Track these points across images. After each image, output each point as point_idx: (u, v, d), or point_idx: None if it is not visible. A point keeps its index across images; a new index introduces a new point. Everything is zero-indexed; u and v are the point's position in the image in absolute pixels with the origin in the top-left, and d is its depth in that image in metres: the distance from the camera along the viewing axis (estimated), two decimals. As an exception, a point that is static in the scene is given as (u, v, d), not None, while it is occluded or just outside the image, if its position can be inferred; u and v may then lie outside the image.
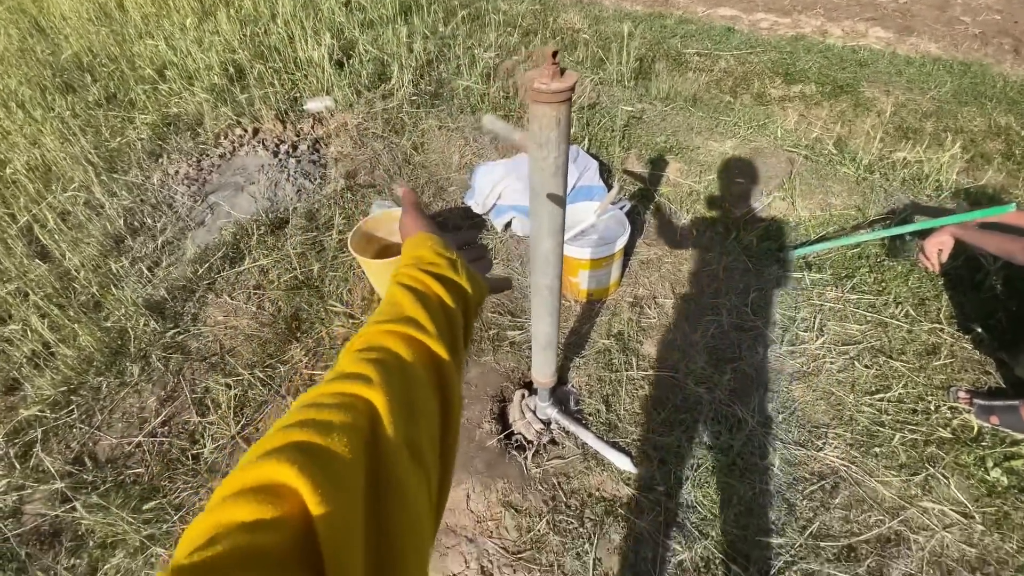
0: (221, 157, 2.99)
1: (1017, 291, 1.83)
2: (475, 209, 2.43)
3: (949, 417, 1.61)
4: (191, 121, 3.24)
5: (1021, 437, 1.51)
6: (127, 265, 2.26)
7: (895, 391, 1.69)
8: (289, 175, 2.79)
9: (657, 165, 2.71)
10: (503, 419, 1.71)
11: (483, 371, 1.83)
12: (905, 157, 2.59)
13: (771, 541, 1.39)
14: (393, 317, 0.44)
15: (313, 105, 3.30)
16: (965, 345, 1.80)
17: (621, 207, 2.02)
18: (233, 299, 2.13)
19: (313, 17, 3.98)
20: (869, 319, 1.92)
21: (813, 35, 3.95)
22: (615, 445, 1.57)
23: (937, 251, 1.65)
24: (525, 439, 1.63)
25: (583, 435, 1.58)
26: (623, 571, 1.35)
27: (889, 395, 1.68)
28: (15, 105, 3.35)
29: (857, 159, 2.60)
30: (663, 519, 1.43)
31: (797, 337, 1.89)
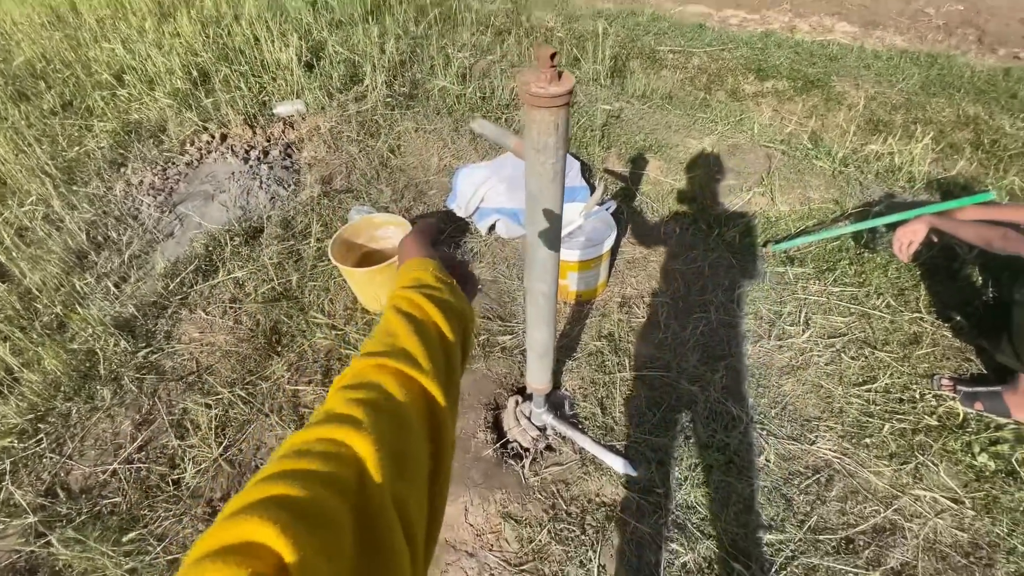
0: (188, 165, 2.87)
1: (994, 279, 1.88)
2: (458, 212, 2.39)
3: (935, 405, 1.64)
4: (154, 128, 3.10)
5: (1005, 421, 1.55)
6: (92, 282, 2.14)
7: (881, 381, 1.72)
8: (261, 182, 2.69)
9: (638, 164, 2.71)
10: (498, 427, 1.68)
11: (475, 378, 1.79)
12: (877, 150, 2.65)
13: (771, 538, 1.39)
14: (387, 349, 0.41)
15: (283, 109, 3.20)
16: (945, 333, 1.84)
17: (606, 208, 2.00)
18: (208, 314, 2.04)
19: (279, 18, 3.86)
20: (852, 311, 1.95)
21: (782, 31, 4.02)
22: (612, 448, 1.56)
23: (908, 240, 1.68)
24: (521, 447, 1.60)
25: (580, 440, 1.55)
26: (627, 577, 1.34)
27: (876, 385, 1.71)
28: (-39, 115, 3.15)
29: (832, 153, 2.65)
30: (664, 521, 1.42)
31: (784, 331, 1.91)
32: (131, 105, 3.21)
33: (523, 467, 1.55)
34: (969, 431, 1.57)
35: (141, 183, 2.67)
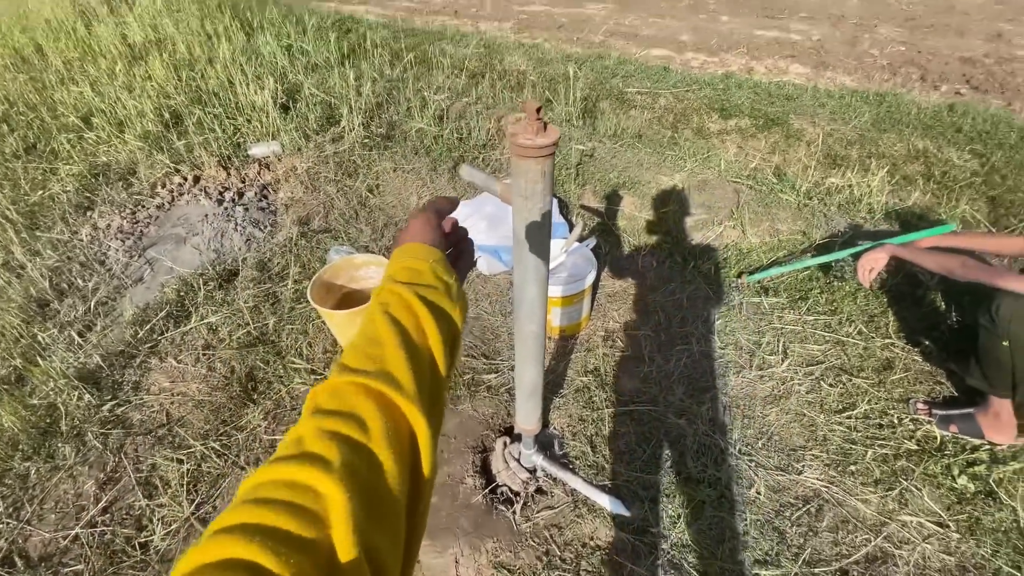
0: (159, 208, 2.82)
1: (956, 303, 1.98)
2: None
3: (912, 429, 1.69)
4: (123, 170, 3.04)
5: (979, 442, 1.60)
6: (55, 332, 2.04)
7: (860, 408, 1.75)
8: (236, 224, 2.65)
9: (612, 200, 2.79)
10: (486, 471, 1.64)
11: (461, 420, 1.76)
12: (837, 183, 2.79)
13: (767, 573, 1.37)
14: (371, 367, 0.38)
15: (258, 150, 3.19)
16: (916, 358, 1.91)
17: (587, 244, 2.04)
18: (180, 362, 1.96)
19: (254, 61, 3.90)
20: (827, 339, 2.00)
21: (740, 72, 4.26)
22: (605, 488, 1.53)
23: (870, 267, 1.75)
24: (511, 491, 1.56)
25: (571, 481, 1.53)
26: (626, 624, 1.29)
27: (856, 412, 1.75)
28: (-85, 160, 3.04)
29: (796, 186, 2.77)
30: (660, 562, 1.39)
31: (764, 361, 1.94)
32: (99, 148, 3.15)
33: (514, 512, 1.51)
34: (947, 454, 1.61)
35: (109, 227, 2.60)
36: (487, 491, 1.57)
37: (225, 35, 4.36)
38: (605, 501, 1.48)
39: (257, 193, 2.91)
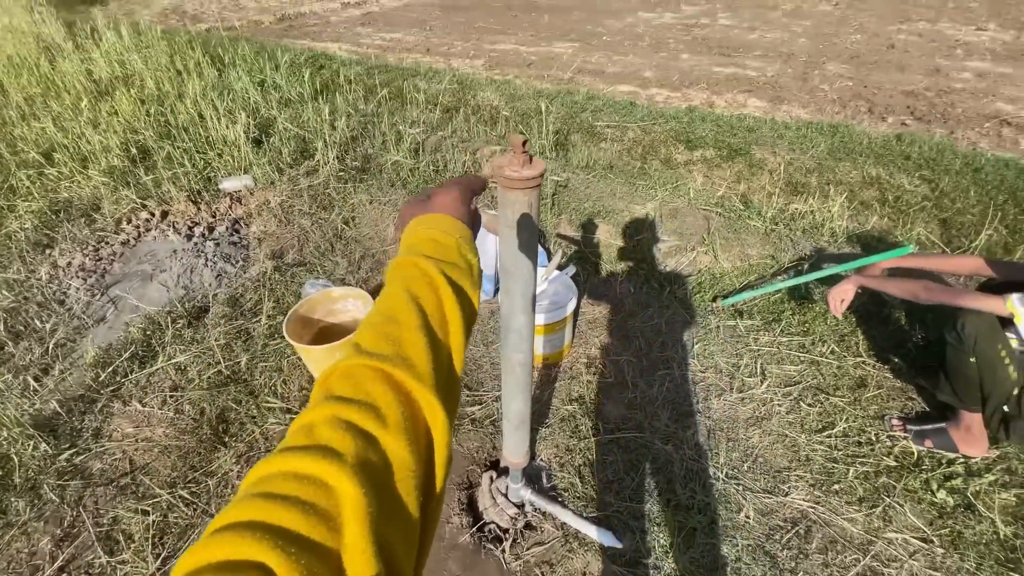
0: (124, 244, 2.72)
1: (920, 321, 2.06)
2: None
3: (890, 445, 1.72)
4: (86, 206, 2.94)
5: (954, 456, 1.65)
6: (8, 377, 1.92)
7: (839, 426, 1.79)
8: (207, 259, 2.58)
9: (588, 229, 2.84)
10: (473, 508, 1.59)
11: (445, 455, 1.71)
12: (800, 209, 2.91)
13: (762, 600, 1.36)
14: (388, 347, 0.36)
15: (230, 184, 3.14)
16: (887, 375, 1.97)
17: (566, 272, 2.06)
18: (145, 405, 1.86)
19: (226, 97, 3.88)
20: (802, 359, 2.05)
21: (702, 106, 4.46)
22: (595, 520, 1.50)
23: (840, 299, 1.82)
24: (499, 528, 1.52)
25: (561, 514, 1.49)
26: (624, 663, 1.25)
27: (835, 431, 1.78)
28: None
29: (762, 213, 2.88)
30: (655, 595, 1.36)
31: (744, 383, 1.97)
32: (60, 184, 3.05)
33: (503, 551, 1.46)
34: (925, 468, 1.64)
35: (69, 265, 2.49)
36: (474, 529, 1.51)
37: (196, 71, 4.34)
38: (596, 534, 1.45)
39: (228, 227, 2.85)
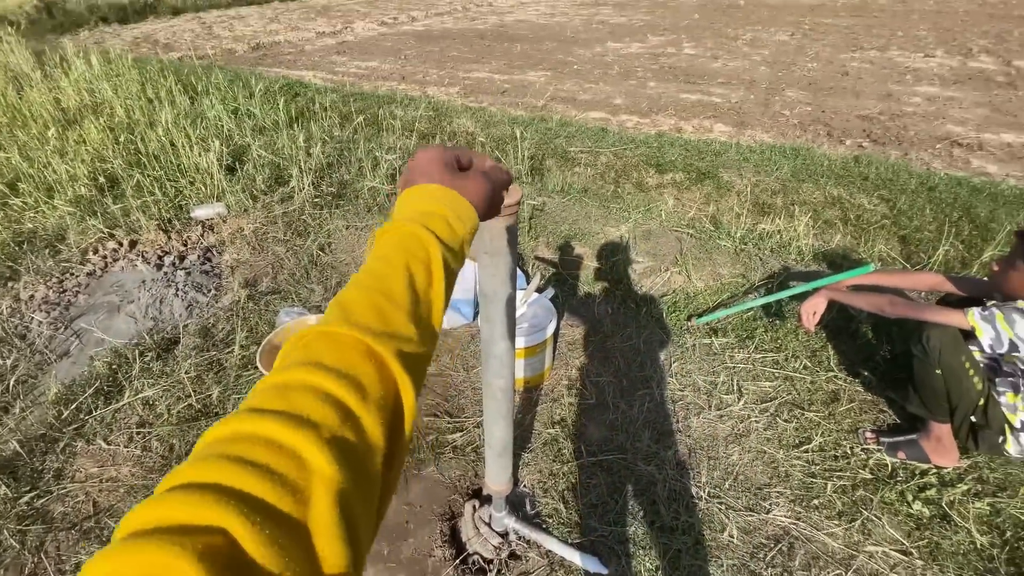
0: (90, 275, 2.64)
1: (887, 335, 2.13)
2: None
3: (865, 458, 1.76)
4: (51, 237, 2.86)
5: (927, 467, 1.69)
6: (-40, 419, 1.82)
7: (815, 441, 1.82)
8: (177, 289, 2.52)
9: (565, 251, 2.87)
10: (455, 539, 1.55)
11: (427, 486, 1.67)
12: (767, 228, 3.01)
13: (749, 621, 1.35)
14: (379, 322, 0.35)
15: (201, 212, 3.10)
16: (858, 388, 2.02)
17: (545, 294, 2.07)
18: (110, 444, 1.78)
19: (199, 125, 3.85)
20: (777, 375, 2.10)
21: (671, 132, 4.62)
22: (580, 546, 1.48)
23: (811, 312, 1.88)
24: (483, 559, 1.48)
25: (546, 542, 1.47)
26: None
27: (812, 445, 1.81)
28: None
29: (732, 233, 2.97)
30: (643, 621, 1.34)
31: (721, 401, 1.99)
32: (24, 214, 2.95)
33: (488, 580, 1.43)
34: (899, 480, 1.68)
35: (32, 298, 2.40)
36: (458, 562, 1.48)
37: (168, 99, 4.30)
38: (582, 560, 1.43)
39: (200, 256, 2.79)
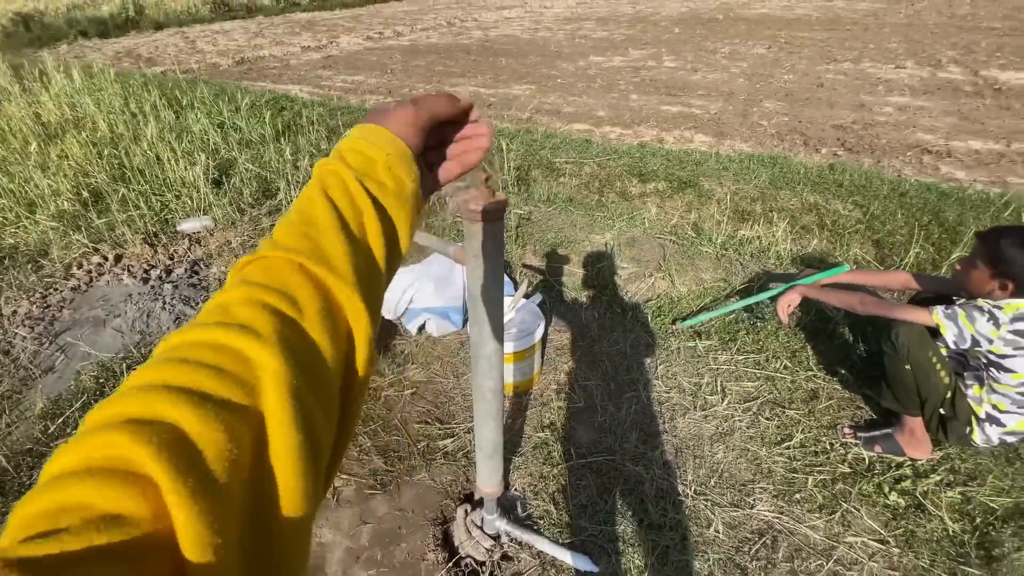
0: (74, 290, 2.63)
1: (862, 335, 2.21)
2: (385, 315, 2.38)
3: (843, 453, 1.82)
4: (33, 252, 2.83)
5: (902, 459, 1.75)
6: (-57, 436, 1.79)
7: (796, 438, 1.88)
8: (164, 302, 2.52)
9: (552, 258, 2.93)
10: (448, 543, 1.57)
11: (418, 492, 1.69)
12: (747, 234, 3.10)
13: (736, 613, 1.39)
14: (306, 244, 0.34)
15: (188, 225, 3.10)
16: (836, 386, 2.09)
17: (533, 300, 2.12)
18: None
19: (184, 138, 3.85)
20: (758, 375, 2.16)
21: (653, 142, 4.73)
22: (571, 546, 1.51)
23: (786, 306, 1.95)
24: (476, 561, 1.51)
25: (537, 543, 1.50)
26: None
27: (793, 442, 1.86)
28: None
29: (713, 239, 3.05)
30: (633, 616, 1.37)
31: (706, 401, 2.05)
32: (6, 230, 2.93)
33: (481, 582, 1.45)
34: (876, 473, 1.74)
35: (15, 313, 2.38)
36: (450, 564, 1.50)
37: (152, 113, 4.30)
38: (572, 559, 1.46)
39: (187, 269, 2.79)
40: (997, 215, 3.10)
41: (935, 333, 1.62)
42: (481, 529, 1.55)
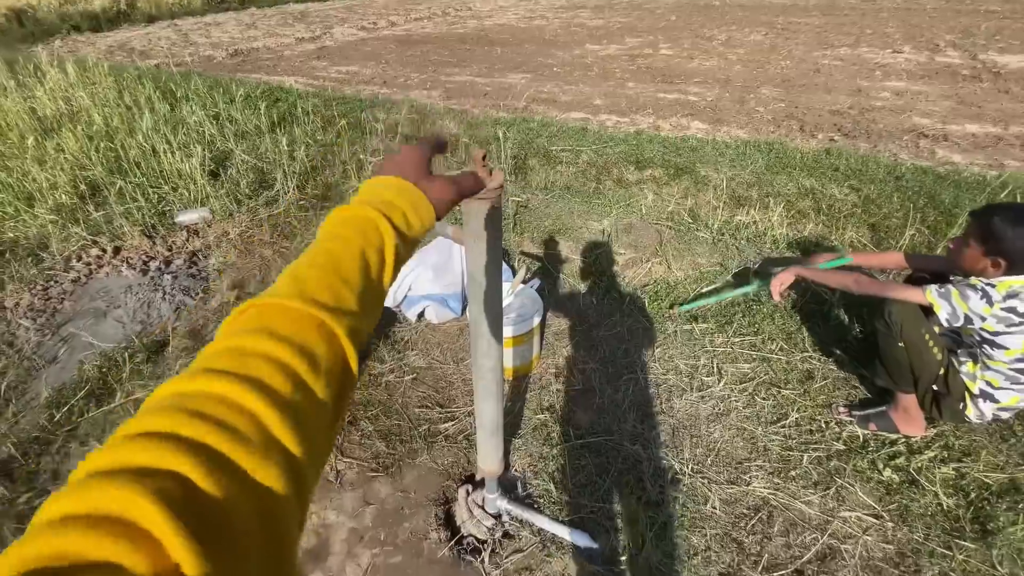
0: (75, 282, 2.64)
1: (858, 316, 2.23)
2: (384, 303, 2.39)
3: (838, 431, 1.85)
4: (32, 245, 2.84)
5: (896, 436, 1.78)
6: (-51, 425, 1.81)
7: (792, 417, 1.90)
8: (164, 293, 2.53)
9: (550, 245, 2.94)
10: (450, 522, 1.60)
11: (420, 473, 1.72)
12: (743, 219, 3.12)
13: (733, 585, 1.42)
14: (332, 299, 0.36)
15: (186, 217, 3.10)
16: (832, 367, 2.11)
17: (531, 285, 2.13)
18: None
19: (180, 131, 3.84)
20: (754, 357, 2.18)
21: (649, 129, 4.72)
22: (571, 523, 1.54)
23: (779, 285, 1.97)
24: (477, 539, 1.53)
25: (537, 520, 1.53)
26: (606, 659, 1.28)
27: (788, 421, 1.89)
28: None
29: (709, 225, 3.07)
30: (632, 590, 1.41)
31: (703, 383, 2.07)
32: (5, 224, 2.93)
33: (482, 561, 1.48)
34: (871, 450, 1.77)
35: (17, 306, 2.39)
36: (453, 543, 1.53)
37: (147, 105, 4.28)
38: (572, 536, 1.49)
39: (186, 260, 2.80)
40: (993, 196, 3.11)
41: (929, 311, 1.64)
42: (483, 508, 1.57)
